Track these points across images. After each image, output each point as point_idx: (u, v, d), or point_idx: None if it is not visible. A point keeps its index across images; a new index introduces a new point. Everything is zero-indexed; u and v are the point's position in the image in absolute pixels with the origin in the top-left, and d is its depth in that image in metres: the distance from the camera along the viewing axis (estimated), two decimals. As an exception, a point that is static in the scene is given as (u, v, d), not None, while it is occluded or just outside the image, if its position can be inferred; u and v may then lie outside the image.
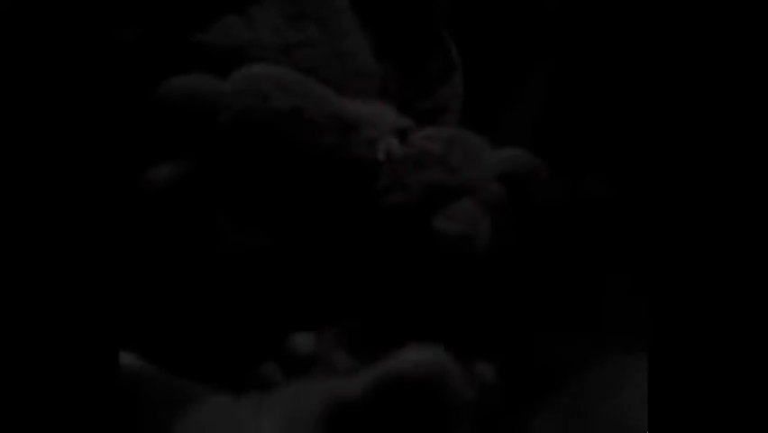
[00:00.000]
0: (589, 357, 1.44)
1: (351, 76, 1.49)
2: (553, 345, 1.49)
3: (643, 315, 1.53)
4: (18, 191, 1.08)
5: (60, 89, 1.12)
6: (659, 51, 1.13)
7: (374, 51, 1.55)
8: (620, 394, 1.34)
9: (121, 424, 1.12)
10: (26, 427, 1.03)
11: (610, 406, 1.34)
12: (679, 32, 1.12)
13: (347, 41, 1.50)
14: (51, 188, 1.09)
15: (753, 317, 1.06)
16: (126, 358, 1.23)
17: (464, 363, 1.39)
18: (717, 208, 1.09)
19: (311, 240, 1.38)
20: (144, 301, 1.39)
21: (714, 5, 1.11)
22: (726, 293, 1.07)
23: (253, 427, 1.21)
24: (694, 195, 1.11)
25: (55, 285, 1.07)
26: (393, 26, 1.58)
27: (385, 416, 1.18)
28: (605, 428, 1.31)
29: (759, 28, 1.10)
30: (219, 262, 1.38)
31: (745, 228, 1.08)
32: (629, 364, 1.38)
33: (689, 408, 1.06)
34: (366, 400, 1.18)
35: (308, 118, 1.36)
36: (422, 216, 1.35)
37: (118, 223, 1.25)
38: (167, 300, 1.39)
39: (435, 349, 1.22)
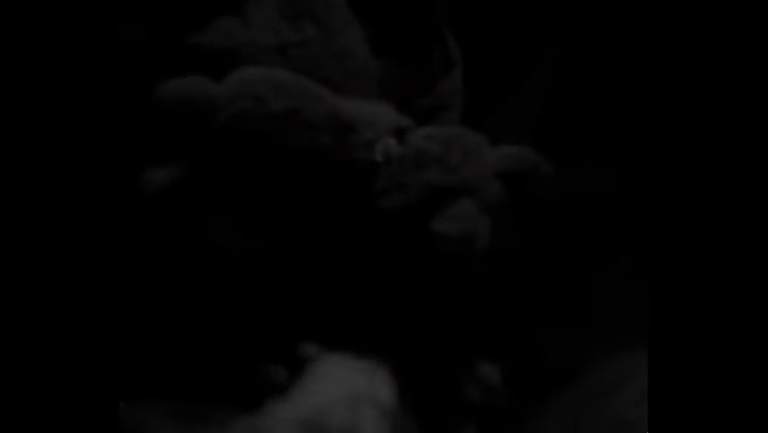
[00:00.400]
0: (591, 356, 1.43)
1: (348, 74, 1.48)
2: (555, 344, 1.48)
3: (642, 313, 1.52)
4: (13, 192, 1.07)
5: (57, 90, 1.11)
6: (661, 44, 1.12)
7: (372, 48, 1.53)
8: (622, 392, 1.33)
9: None
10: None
11: (614, 403, 1.33)
12: (680, 27, 1.11)
13: (344, 38, 1.49)
14: (47, 190, 1.09)
15: (753, 316, 1.05)
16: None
17: (469, 365, 1.38)
18: (719, 206, 1.07)
19: (309, 243, 1.37)
20: (143, 304, 1.39)
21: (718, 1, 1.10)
22: (726, 290, 1.06)
23: None
24: (697, 191, 1.09)
25: (50, 288, 1.07)
26: (391, 22, 1.57)
27: None
28: (609, 425, 1.31)
29: (762, 22, 1.09)
30: (217, 264, 1.37)
31: (749, 223, 1.06)
32: (630, 362, 1.38)
33: (688, 404, 1.05)
34: None
35: (304, 120, 1.35)
36: (421, 218, 1.33)
37: (115, 225, 1.25)
38: (166, 303, 1.39)
39: None
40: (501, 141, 1.45)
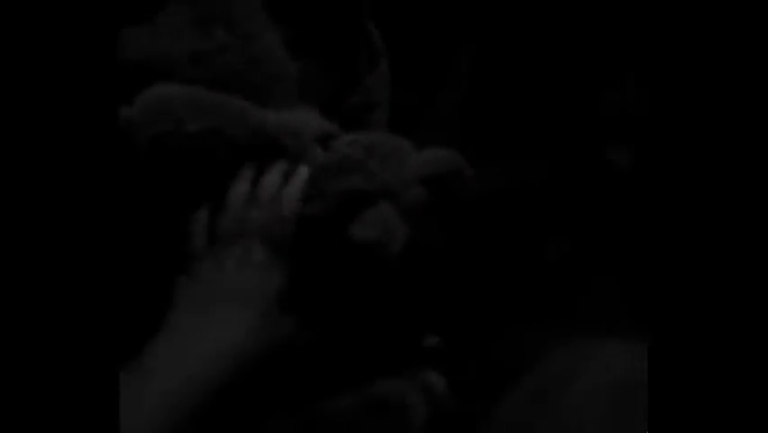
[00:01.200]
0: (543, 350, 1.41)
1: (269, 80, 1.42)
2: (505, 342, 1.46)
3: (590, 299, 1.50)
4: None
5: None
6: (582, 29, 1.09)
7: (291, 50, 1.48)
8: (568, 389, 1.31)
9: None
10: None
11: (568, 394, 1.32)
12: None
13: (261, 43, 1.43)
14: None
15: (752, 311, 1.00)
16: None
17: (412, 375, 1.36)
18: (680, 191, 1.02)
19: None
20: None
21: None
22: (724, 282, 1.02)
23: None
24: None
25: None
26: (310, 20, 1.52)
27: None
28: (562, 416, 1.29)
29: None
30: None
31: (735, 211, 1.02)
32: (582, 353, 1.36)
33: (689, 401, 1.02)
34: None
35: (228, 137, 1.31)
36: (339, 225, 1.31)
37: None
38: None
39: None
40: (428, 138, 1.42)
